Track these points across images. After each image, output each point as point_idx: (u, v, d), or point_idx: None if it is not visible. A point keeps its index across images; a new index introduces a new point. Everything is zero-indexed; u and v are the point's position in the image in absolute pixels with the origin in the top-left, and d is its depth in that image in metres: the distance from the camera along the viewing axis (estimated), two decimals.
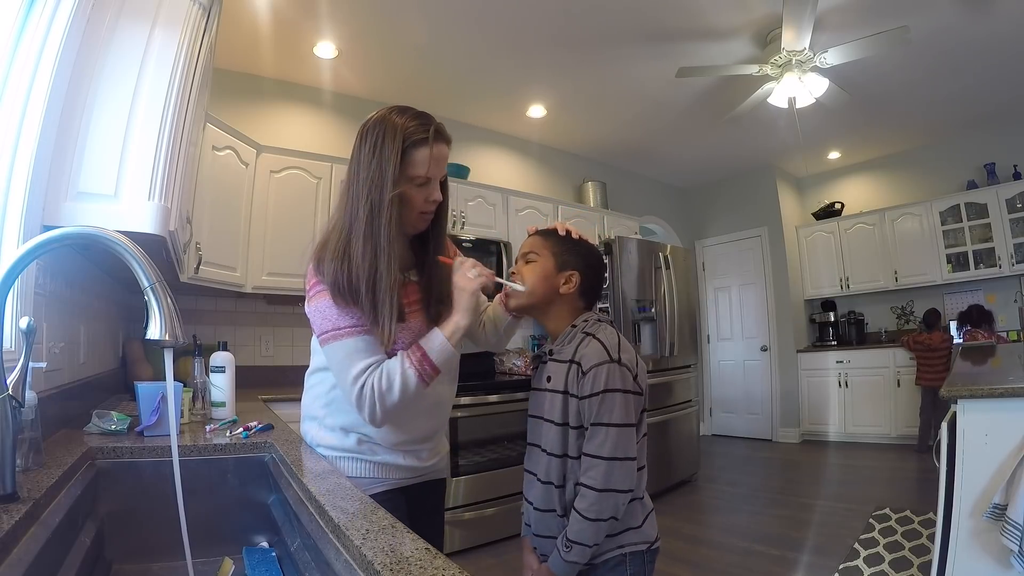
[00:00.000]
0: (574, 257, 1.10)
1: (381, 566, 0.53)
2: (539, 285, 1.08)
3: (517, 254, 1.14)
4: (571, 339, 1.07)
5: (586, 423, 0.98)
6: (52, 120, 1.15)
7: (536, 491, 1.06)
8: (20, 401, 0.73)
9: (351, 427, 1.07)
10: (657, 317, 3.81)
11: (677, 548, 2.74)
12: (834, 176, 5.81)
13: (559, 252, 1.10)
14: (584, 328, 1.06)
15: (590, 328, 1.06)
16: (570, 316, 1.10)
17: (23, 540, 0.65)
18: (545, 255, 1.09)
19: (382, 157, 0.96)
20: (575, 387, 1.00)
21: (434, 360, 0.98)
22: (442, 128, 1.02)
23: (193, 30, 1.44)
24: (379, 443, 1.07)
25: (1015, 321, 4.53)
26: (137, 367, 2.28)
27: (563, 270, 1.09)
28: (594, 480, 0.95)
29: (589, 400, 0.98)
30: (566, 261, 1.09)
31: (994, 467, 1.42)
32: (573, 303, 1.11)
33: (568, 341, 1.07)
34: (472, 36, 3.09)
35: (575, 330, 1.07)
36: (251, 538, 1.10)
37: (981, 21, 3.02)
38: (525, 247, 1.12)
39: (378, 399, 0.95)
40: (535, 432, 1.10)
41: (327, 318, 0.97)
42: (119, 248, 0.73)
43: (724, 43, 3.19)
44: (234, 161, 2.67)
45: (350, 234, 0.97)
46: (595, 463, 0.96)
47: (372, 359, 0.96)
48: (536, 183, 4.58)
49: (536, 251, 1.10)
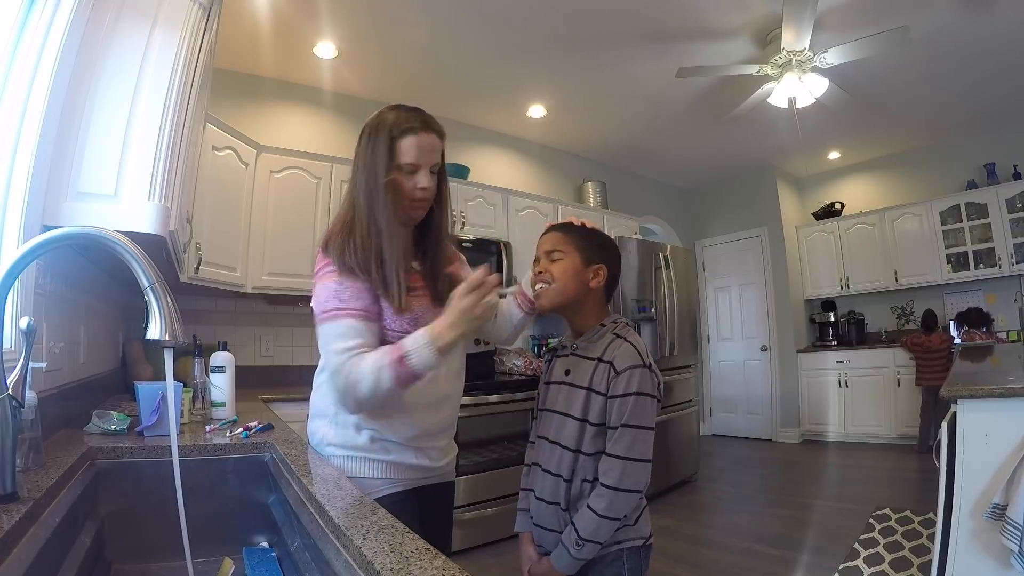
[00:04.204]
0: (599, 250, 1.10)
1: (381, 566, 0.53)
2: (571, 282, 1.08)
3: (538, 252, 1.13)
4: (599, 337, 1.07)
5: (612, 422, 0.99)
6: (52, 120, 1.15)
7: (542, 483, 1.06)
8: (20, 401, 0.72)
9: (363, 423, 1.06)
10: (657, 317, 3.81)
11: (677, 548, 2.74)
12: (834, 176, 5.81)
13: (583, 247, 1.09)
14: (614, 330, 1.07)
15: (620, 331, 1.07)
16: (597, 310, 1.11)
17: (23, 540, 0.65)
18: (570, 251, 1.08)
19: (376, 148, 1.03)
20: (602, 385, 1.00)
21: (412, 366, 0.93)
22: (431, 119, 1.06)
23: (193, 30, 1.44)
24: (392, 439, 1.07)
25: (1015, 321, 4.53)
26: (137, 367, 2.28)
27: (590, 264, 1.08)
28: (613, 479, 0.96)
29: (620, 400, 0.98)
30: (592, 255, 1.09)
31: (994, 467, 1.41)
32: (599, 297, 1.11)
33: (596, 339, 1.07)
34: (472, 36, 3.09)
35: (604, 330, 1.08)
36: (251, 538, 1.10)
37: (981, 21, 3.02)
38: (547, 244, 1.11)
39: (350, 386, 0.95)
40: (547, 425, 1.09)
41: (333, 296, 0.99)
42: (119, 248, 0.73)
43: (724, 43, 3.19)
44: (234, 161, 2.67)
45: (354, 218, 1.04)
46: (615, 463, 0.96)
47: (359, 341, 0.97)
48: (536, 183, 4.58)
49: (560, 248, 1.09)
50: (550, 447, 1.07)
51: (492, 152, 4.38)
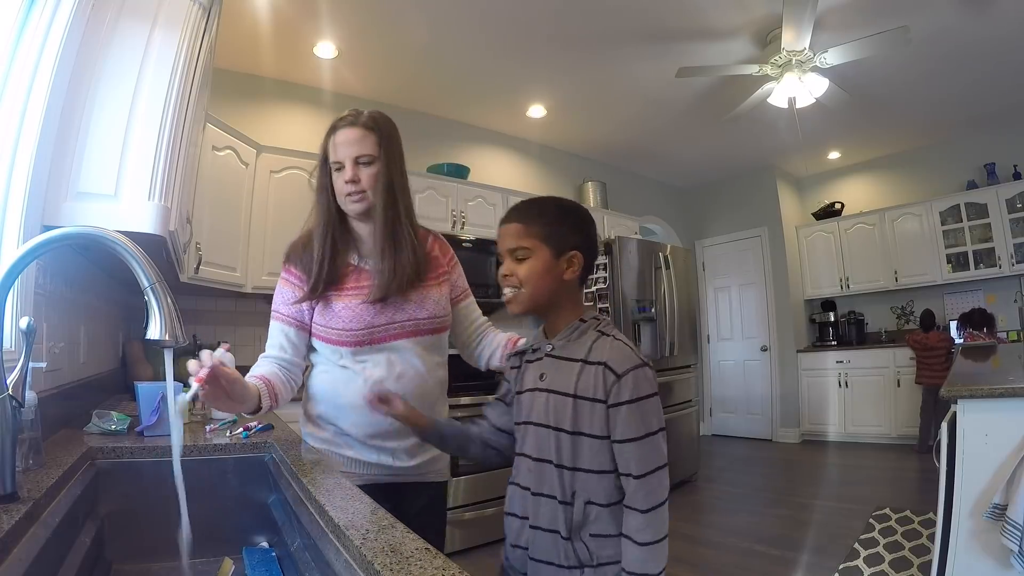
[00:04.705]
0: (570, 235, 0.94)
1: (381, 566, 0.53)
2: (542, 283, 0.92)
3: (500, 248, 0.96)
4: (580, 335, 0.93)
5: (621, 435, 0.85)
6: (52, 120, 1.15)
7: (535, 508, 0.90)
8: (20, 401, 0.72)
9: (325, 417, 1.15)
10: (657, 317, 3.81)
11: (677, 548, 2.73)
12: (834, 176, 5.81)
13: (551, 235, 0.92)
14: (597, 327, 0.93)
15: (604, 328, 0.93)
16: (574, 303, 0.97)
17: (23, 540, 0.65)
18: (536, 245, 0.92)
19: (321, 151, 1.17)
20: (599, 391, 0.86)
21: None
22: (362, 114, 1.13)
23: (193, 30, 1.44)
24: (351, 436, 1.14)
25: (1015, 321, 4.53)
26: (137, 367, 2.28)
27: (562, 255, 0.93)
28: (643, 500, 0.85)
29: (628, 407, 0.85)
30: (562, 243, 0.93)
31: (994, 467, 1.41)
32: (576, 286, 0.97)
33: (577, 337, 0.93)
34: (472, 36, 3.09)
35: (585, 326, 0.93)
36: (251, 538, 1.10)
37: (981, 21, 3.02)
38: (508, 241, 0.94)
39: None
40: (525, 441, 0.95)
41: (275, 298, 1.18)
42: (119, 248, 0.73)
43: (724, 43, 3.19)
44: (234, 161, 2.67)
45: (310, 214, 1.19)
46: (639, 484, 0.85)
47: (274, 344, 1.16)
48: (536, 183, 4.58)
49: (524, 244, 0.92)
50: (537, 466, 0.91)
51: (492, 152, 4.38)
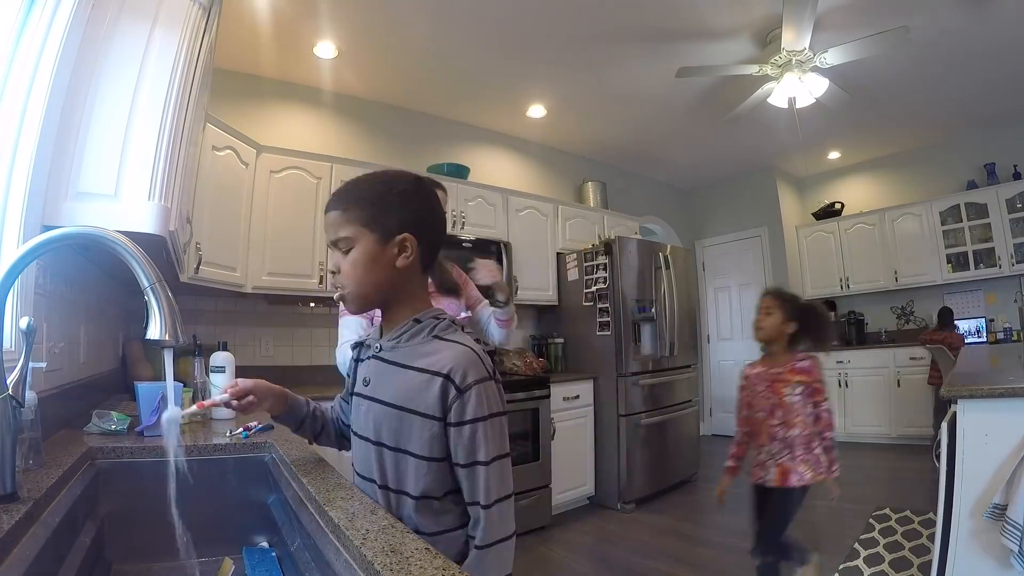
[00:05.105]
0: (398, 213, 0.77)
1: (381, 566, 0.53)
2: (369, 276, 0.77)
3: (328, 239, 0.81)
4: (412, 336, 0.80)
5: (464, 457, 0.75)
6: (52, 120, 1.15)
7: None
8: (20, 401, 0.73)
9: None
10: (657, 317, 3.81)
11: (677, 548, 2.74)
12: (834, 176, 5.81)
13: (373, 217, 0.76)
14: (436, 331, 0.80)
15: (443, 332, 0.80)
16: (413, 297, 0.82)
17: (23, 540, 0.65)
18: (358, 231, 0.77)
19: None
20: (435, 407, 0.75)
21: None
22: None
23: (193, 30, 1.44)
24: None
25: (1015, 321, 4.53)
26: (137, 367, 2.28)
27: (390, 239, 0.77)
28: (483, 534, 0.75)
29: (471, 427, 0.74)
30: (388, 223, 0.77)
31: (994, 467, 1.41)
32: (416, 274, 0.82)
33: (408, 340, 0.80)
34: (472, 36, 3.09)
35: (420, 328, 0.80)
36: (251, 538, 1.10)
37: (981, 22, 3.02)
38: (329, 232, 0.80)
39: None
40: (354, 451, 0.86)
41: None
42: (119, 248, 0.73)
43: (724, 43, 3.19)
44: (234, 161, 2.66)
45: None
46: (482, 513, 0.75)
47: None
48: (536, 183, 4.58)
49: (345, 233, 0.77)
50: (365, 484, 0.83)
51: (492, 152, 4.37)
